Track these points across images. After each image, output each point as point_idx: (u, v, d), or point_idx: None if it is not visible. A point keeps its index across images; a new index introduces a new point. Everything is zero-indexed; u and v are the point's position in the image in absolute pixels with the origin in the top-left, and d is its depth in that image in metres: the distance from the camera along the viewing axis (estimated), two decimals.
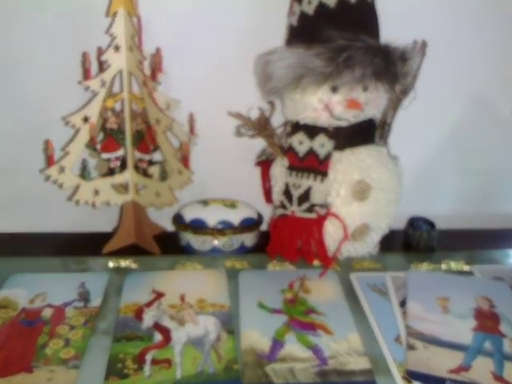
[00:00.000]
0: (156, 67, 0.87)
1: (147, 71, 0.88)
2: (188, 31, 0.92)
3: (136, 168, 0.91)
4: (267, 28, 0.91)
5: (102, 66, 0.86)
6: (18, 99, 0.94)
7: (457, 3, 0.94)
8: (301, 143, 0.87)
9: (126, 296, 0.79)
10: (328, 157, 0.86)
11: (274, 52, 0.81)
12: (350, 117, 0.84)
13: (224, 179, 1.00)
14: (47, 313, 0.75)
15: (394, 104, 0.91)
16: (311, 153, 0.86)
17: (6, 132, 0.96)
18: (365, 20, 0.82)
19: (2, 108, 0.95)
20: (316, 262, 0.89)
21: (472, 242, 1.00)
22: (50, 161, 0.84)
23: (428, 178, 1.07)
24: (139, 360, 0.66)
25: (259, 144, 0.98)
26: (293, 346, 0.69)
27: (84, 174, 0.88)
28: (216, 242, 0.93)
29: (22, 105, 0.94)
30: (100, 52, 0.87)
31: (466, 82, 1.00)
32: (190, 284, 0.83)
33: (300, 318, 0.75)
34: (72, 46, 0.90)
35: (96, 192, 0.89)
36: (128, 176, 0.92)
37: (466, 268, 0.91)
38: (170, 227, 0.99)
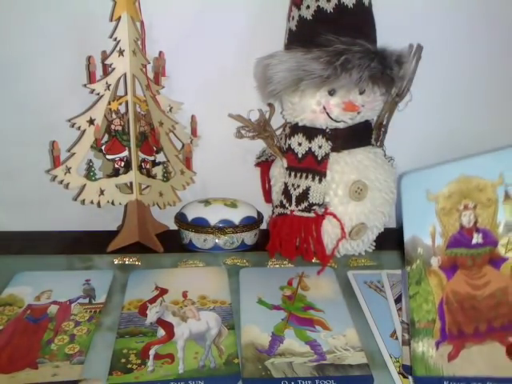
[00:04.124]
0: (159, 70, 0.88)
1: (150, 74, 0.88)
2: (190, 36, 0.93)
3: (140, 168, 0.92)
4: (267, 32, 0.91)
5: (107, 70, 0.87)
6: (25, 101, 0.94)
7: (452, 7, 0.95)
8: (299, 144, 0.88)
9: (130, 293, 0.80)
10: (326, 158, 0.86)
11: (273, 56, 0.82)
12: (347, 119, 0.85)
13: (225, 179, 1.01)
14: (53, 309, 0.75)
15: (390, 106, 0.92)
16: (309, 154, 0.87)
17: (14, 133, 0.97)
18: (362, 24, 0.82)
19: (9, 110, 0.95)
20: (314, 260, 0.89)
21: None
22: (56, 161, 0.84)
23: None
24: (143, 355, 0.66)
25: (259, 145, 0.99)
26: (291, 341, 0.70)
27: (89, 174, 0.88)
28: (217, 240, 0.94)
29: (29, 107, 0.95)
30: (104, 56, 0.88)
31: (461, 84, 1.00)
32: (192, 281, 0.83)
33: (298, 314, 0.76)
34: (77, 49, 0.91)
35: (101, 192, 0.90)
36: (132, 176, 0.92)
37: None
38: (172, 226, 1.00)
